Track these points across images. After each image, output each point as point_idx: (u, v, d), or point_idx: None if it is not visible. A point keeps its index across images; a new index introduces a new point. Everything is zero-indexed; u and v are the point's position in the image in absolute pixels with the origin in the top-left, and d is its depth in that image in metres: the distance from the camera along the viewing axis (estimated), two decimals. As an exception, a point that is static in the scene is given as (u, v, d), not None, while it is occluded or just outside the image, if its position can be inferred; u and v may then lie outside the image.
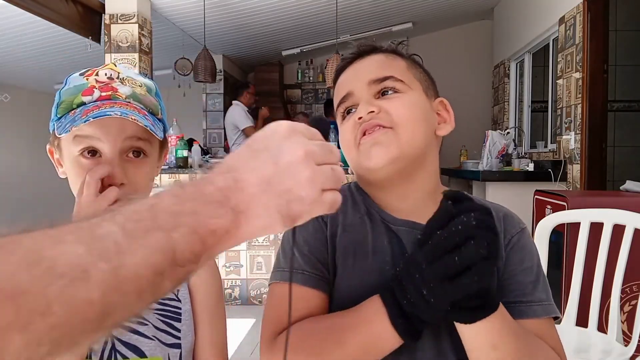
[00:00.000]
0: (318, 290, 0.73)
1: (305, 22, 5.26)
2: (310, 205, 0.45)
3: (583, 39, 3.47)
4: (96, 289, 0.35)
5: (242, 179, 0.44)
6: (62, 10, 3.53)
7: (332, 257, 0.74)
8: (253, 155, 0.46)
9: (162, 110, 0.85)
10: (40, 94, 6.53)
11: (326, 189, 0.46)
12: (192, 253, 0.40)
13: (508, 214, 0.81)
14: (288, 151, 0.45)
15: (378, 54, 0.81)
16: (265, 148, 0.46)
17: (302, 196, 0.45)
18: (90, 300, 0.35)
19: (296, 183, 0.44)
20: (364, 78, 0.77)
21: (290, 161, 0.45)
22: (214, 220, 0.41)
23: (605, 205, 1.91)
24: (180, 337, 0.82)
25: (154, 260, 0.38)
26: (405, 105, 0.75)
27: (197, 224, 0.40)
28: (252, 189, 0.43)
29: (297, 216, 0.45)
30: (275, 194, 0.44)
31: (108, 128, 0.74)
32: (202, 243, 0.41)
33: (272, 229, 0.46)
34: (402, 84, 0.76)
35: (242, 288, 3.61)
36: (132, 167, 0.77)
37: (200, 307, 0.86)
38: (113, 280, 0.36)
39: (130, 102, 0.78)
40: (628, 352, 1.66)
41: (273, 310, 0.74)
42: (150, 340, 0.79)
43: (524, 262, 0.77)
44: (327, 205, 0.46)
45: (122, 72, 0.81)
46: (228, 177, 0.44)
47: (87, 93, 0.77)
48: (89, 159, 0.75)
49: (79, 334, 0.35)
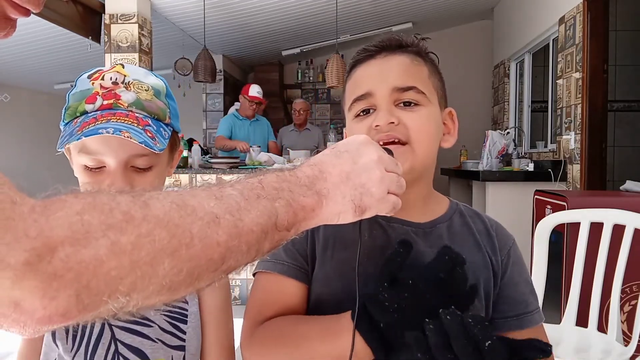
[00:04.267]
0: (297, 280, 0.74)
1: (305, 22, 5.26)
2: (378, 202, 0.55)
3: (583, 39, 3.47)
4: (223, 233, 0.43)
5: (326, 171, 0.54)
6: (62, 10, 3.53)
7: (311, 249, 0.75)
8: (336, 154, 0.56)
9: (172, 112, 0.85)
10: (40, 94, 6.53)
11: (391, 192, 0.56)
12: (288, 222, 0.49)
13: (499, 225, 0.83)
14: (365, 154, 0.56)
15: (403, 54, 0.78)
16: (346, 150, 0.57)
17: (373, 192, 0.55)
18: (218, 241, 0.43)
19: (369, 180, 0.55)
20: (388, 82, 0.75)
21: (367, 162, 0.56)
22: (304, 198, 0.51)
23: (605, 205, 1.91)
24: (185, 339, 0.82)
25: (262, 221, 0.46)
26: (423, 120, 0.75)
27: (292, 199, 0.50)
28: (333, 179, 0.53)
29: (366, 208, 0.55)
30: (351, 186, 0.54)
31: (110, 143, 0.76)
32: (295, 215, 0.50)
33: (345, 215, 0.55)
34: (424, 96, 0.76)
35: (242, 288, 3.61)
36: (138, 177, 0.79)
37: (208, 308, 0.86)
38: (234, 229, 0.44)
39: (132, 111, 0.78)
40: (628, 352, 1.66)
41: (254, 302, 0.75)
42: (153, 342, 0.79)
43: (522, 273, 0.80)
44: (391, 205, 0.57)
45: (130, 74, 0.81)
46: (315, 168, 0.54)
47: (90, 101, 0.78)
48: (94, 171, 0.77)
49: (205, 271, 0.42)
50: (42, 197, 0.38)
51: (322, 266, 0.74)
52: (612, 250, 1.76)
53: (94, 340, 0.78)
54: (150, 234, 0.39)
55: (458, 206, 0.83)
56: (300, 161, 1.26)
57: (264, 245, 0.48)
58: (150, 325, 0.80)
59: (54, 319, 0.35)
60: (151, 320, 0.80)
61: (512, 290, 0.77)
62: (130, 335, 0.79)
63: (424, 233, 0.76)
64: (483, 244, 0.78)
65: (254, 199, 0.47)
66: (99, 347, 0.78)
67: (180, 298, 0.44)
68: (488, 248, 0.78)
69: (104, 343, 0.78)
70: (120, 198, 0.40)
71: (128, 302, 0.39)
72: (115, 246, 0.37)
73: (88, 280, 0.36)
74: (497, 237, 0.80)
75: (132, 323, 0.79)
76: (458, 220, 0.80)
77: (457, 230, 0.78)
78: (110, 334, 0.79)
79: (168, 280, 0.40)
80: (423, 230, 0.77)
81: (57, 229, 0.35)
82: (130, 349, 0.78)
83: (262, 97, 4.56)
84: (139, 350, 0.79)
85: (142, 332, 0.79)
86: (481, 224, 0.81)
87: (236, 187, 0.47)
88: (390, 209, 0.57)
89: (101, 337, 0.78)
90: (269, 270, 0.75)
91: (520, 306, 0.76)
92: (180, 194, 0.44)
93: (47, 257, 0.34)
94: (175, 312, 0.83)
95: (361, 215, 0.55)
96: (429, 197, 0.81)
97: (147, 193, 0.42)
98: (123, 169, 0.77)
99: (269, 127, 4.86)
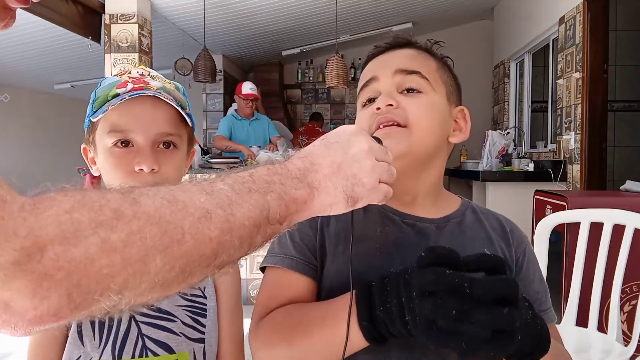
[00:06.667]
0: (305, 275, 0.74)
1: (305, 22, 5.26)
2: (369, 191, 0.55)
3: (583, 39, 3.47)
4: (215, 228, 0.43)
5: (317, 162, 0.54)
6: (62, 10, 3.53)
7: (320, 245, 0.75)
8: (326, 146, 0.56)
9: (190, 108, 0.90)
10: (40, 94, 6.53)
11: (382, 181, 0.56)
12: (280, 215, 0.49)
13: (513, 224, 0.83)
14: (355, 144, 0.56)
15: (412, 48, 0.81)
16: (337, 142, 0.56)
17: (364, 182, 0.54)
18: (210, 237, 0.42)
19: (360, 170, 0.54)
20: (392, 66, 0.77)
21: (357, 152, 0.55)
22: (295, 190, 0.50)
23: (605, 205, 1.91)
24: (205, 332, 0.85)
25: (254, 215, 0.46)
26: (424, 105, 0.75)
27: (283, 192, 0.49)
28: (324, 171, 0.53)
29: (358, 198, 0.55)
30: (343, 177, 0.54)
31: (139, 119, 0.79)
32: (287, 208, 0.50)
33: (337, 207, 0.54)
34: (427, 83, 0.76)
35: (242, 288, 3.61)
36: (164, 157, 0.81)
37: (224, 304, 0.90)
38: (226, 224, 0.43)
39: (162, 93, 0.81)
40: (628, 352, 1.66)
41: (262, 296, 0.76)
42: (177, 336, 0.82)
43: (536, 271, 0.80)
44: (382, 194, 0.56)
45: (153, 72, 0.88)
46: (306, 160, 0.54)
47: (121, 86, 0.82)
48: (122, 148, 0.80)
49: (197, 267, 0.42)
50: (31, 195, 0.37)
51: (333, 261, 0.74)
52: (612, 250, 1.76)
53: (122, 336, 0.80)
54: (141, 230, 0.38)
55: (470, 204, 0.83)
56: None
57: (257, 239, 0.47)
58: (173, 320, 0.83)
59: (45, 319, 0.35)
60: (174, 315, 0.83)
61: (527, 287, 0.77)
62: (156, 330, 0.81)
63: (437, 228, 0.76)
64: (496, 239, 0.78)
65: (245, 193, 0.46)
66: (126, 343, 0.80)
67: (173, 294, 0.43)
68: (502, 243, 0.78)
69: (132, 339, 0.80)
70: (110, 195, 0.39)
71: (120, 300, 0.38)
72: (105, 244, 0.36)
73: (79, 279, 0.35)
74: (512, 234, 0.80)
75: (157, 319, 0.82)
76: (470, 216, 0.80)
77: (468, 225, 0.79)
78: (137, 330, 0.81)
79: (160, 277, 0.39)
80: (437, 225, 0.77)
81: (47, 227, 0.35)
82: (158, 343, 0.81)
83: (256, 93, 4.48)
84: (165, 345, 0.81)
85: (166, 327, 0.82)
86: (495, 221, 0.81)
87: (227, 181, 0.47)
88: (382, 198, 0.57)
89: (128, 333, 0.80)
90: (277, 265, 0.74)
91: (535, 304, 0.75)
92: (170, 189, 0.43)
93: (36, 256, 0.34)
94: (196, 306, 0.86)
95: (353, 205, 0.55)
96: (440, 193, 0.81)
97: (137, 190, 0.42)
98: (151, 147, 0.80)
99: (269, 124, 4.76)
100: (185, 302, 0.85)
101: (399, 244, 0.74)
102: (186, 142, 0.87)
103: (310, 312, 0.68)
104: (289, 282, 0.74)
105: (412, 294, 0.55)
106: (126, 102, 0.78)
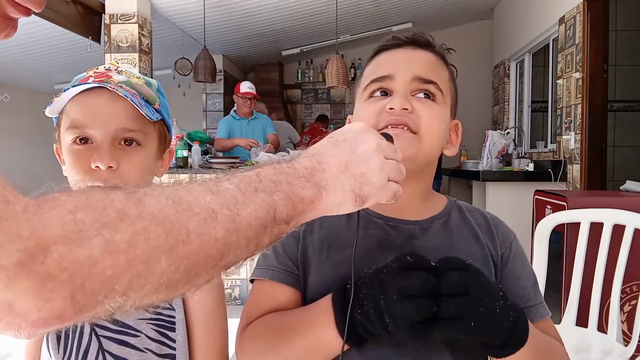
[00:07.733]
0: (287, 285, 0.74)
1: (305, 22, 5.26)
2: (378, 190, 0.54)
3: (583, 39, 3.47)
4: (220, 228, 0.42)
5: (325, 161, 0.53)
6: (62, 10, 3.53)
7: (302, 253, 0.75)
8: (334, 144, 0.55)
9: (162, 104, 0.85)
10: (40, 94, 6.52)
11: (391, 179, 0.55)
12: (287, 215, 0.48)
13: (499, 220, 0.83)
14: (364, 142, 0.55)
15: (431, 52, 0.80)
16: (344, 140, 0.55)
17: (373, 181, 0.54)
18: (216, 237, 0.42)
19: (369, 168, 0.53)
20: (411, 70, 0.75)
21: (365, 150, 0.54)
22: (302, 190, 0.50)
23: (605, 205, 1.91)
24: (176, 347, 0.80)
25: (261, 215, 0.45)
26: (436, 116, 0.75)
27: (290, 191, 0.49)
28: (332, 170, 0.52)
29: (367, 197, 0.54)
30: (351, 176, 0.53)
31: (96, 114, 0.76)
32: (294, 208, 0.49)
33: (346, 206, 0.54)
34: (441, 94, 0.76)
35: (242, 288, 3.61)
36: (124, 154, 0.78)
37: (193, 315, 0.82)
38: (232, 224, 0.43)
39: (123, 86, 0.78)
40: (628, 352, 1.66)
41: (246, 306, 0.76)
42: (141, 352, 0.78)
43: (524, 266, 0.80)
44: (391, 192, 0.55)
45: (122, 67, 0.84)
46: (313, 159, 0.53)
47: (84, 81, 0.79)
48: (81, 145, 0.77)
49: (203, 267, 0.42)
50: (35, 195, 0.37)
51: (317, 269, 0.74)
52: (612, 250, 1.76)
53: (83, 351, 0.77)
54: (145, 231, 0.38)
55: (456, 202, 0.83)
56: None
57: (263, 240, 0.47)
58: (136, 335, 0.78)
59: (49, 321, 0.34)
60: (137, 330, 0.78)
61: (514, 283, 0.77)
62: (117, 345, 0.77)
63: (422, 229, 0.77)
64: (482, 236, 0.78)
65: (252, 193, 0.46)
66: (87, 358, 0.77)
67: (179, 295, 0.43)
68: (487, 240, 0.78)
69: (92, 353, 0.77)
70: (114, 195, 0.39)
71: (125, 301, 0.38)
72: (109, 245, 0.36)
73: (83, 281, 0.35)
74: (498, 230, 0.80)
75: (119, 333, 0.78)
76: (456, 215, 0.80)
77: (454, 224, 0.79)
78: (97, 345, 0.77)
79: (165, 278, 0.39)
80: (421, 226, 0.77)
81: (50, 228, 0.34)
82: (118, 359, 0.77)
83: (254, 92, 4.47)
84: None
85: (128, 342, 0.78)
86: (481, 218, 0.81)
87: (233, 180, 0.46)
88: (391, 196, 0.56)
89: (89, 347, 0.77)
90: (261, 277, 0.75)
91: (522, 299, 0.75)
92: (175, 189, 0.42)
93: (40, 257, 0.33)
94: (162, 319, 0.80)
95: (362, 204, 0.54)
96: (427, 196, 0.81)
97: (142, 189, 0.41)
98: (110, 144, 0.76)
99: (268, 121, 4.74)
100: (150, 316, 0.79)
101: (383, 247, 0.74)
102: (155, 140, 0.83)
103: (290, 318, 0.69)
104: (272, 292, 0.74)
105: (392, 296, 0.58)
106: (84, 98, 0.76)
